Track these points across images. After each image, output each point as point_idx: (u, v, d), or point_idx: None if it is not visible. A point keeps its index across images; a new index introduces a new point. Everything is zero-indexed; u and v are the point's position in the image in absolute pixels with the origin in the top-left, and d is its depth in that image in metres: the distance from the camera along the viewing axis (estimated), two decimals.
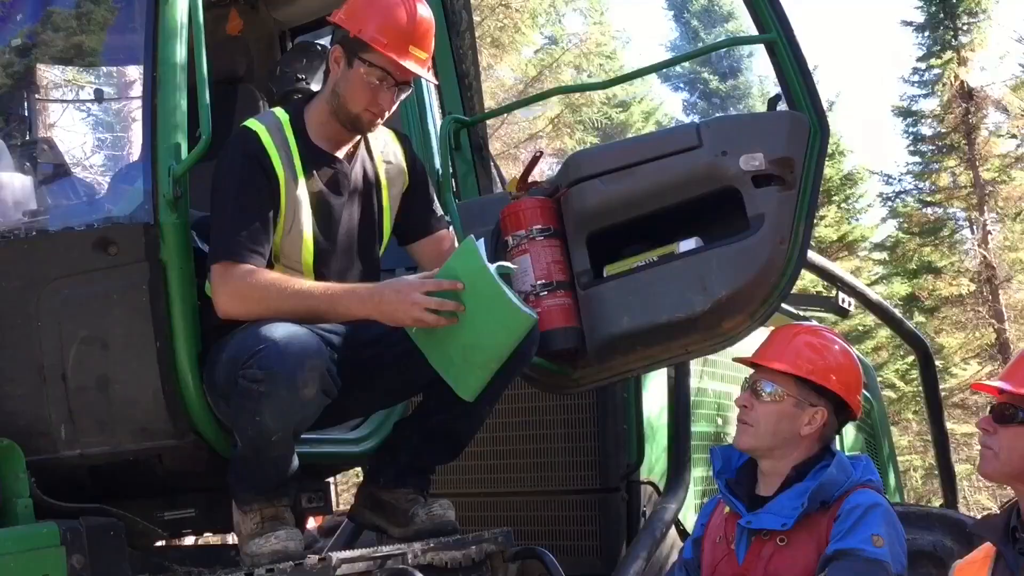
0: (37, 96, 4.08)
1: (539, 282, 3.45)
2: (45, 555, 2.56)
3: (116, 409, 2.91)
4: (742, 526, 2.94)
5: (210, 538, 6.05)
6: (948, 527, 4.32)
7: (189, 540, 5.24)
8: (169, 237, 2.90)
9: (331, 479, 3.83)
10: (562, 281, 3.48)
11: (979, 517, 3.30)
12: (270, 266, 2.95)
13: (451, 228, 3.37)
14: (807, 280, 12.80)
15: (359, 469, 6.23)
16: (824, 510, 2.86)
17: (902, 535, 2.83)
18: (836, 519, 2.82)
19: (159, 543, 3.29)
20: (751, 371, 3.11)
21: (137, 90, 3.38)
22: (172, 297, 2.89)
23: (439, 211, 3.36)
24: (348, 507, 5.89)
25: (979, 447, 2.57)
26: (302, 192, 2.98)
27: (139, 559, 2.86)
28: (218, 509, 3.20)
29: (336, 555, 2.67)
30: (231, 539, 5.09)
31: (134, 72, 3.70)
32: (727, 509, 3.03)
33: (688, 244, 3.39)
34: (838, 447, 3.46)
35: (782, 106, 3.43)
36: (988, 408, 2.54)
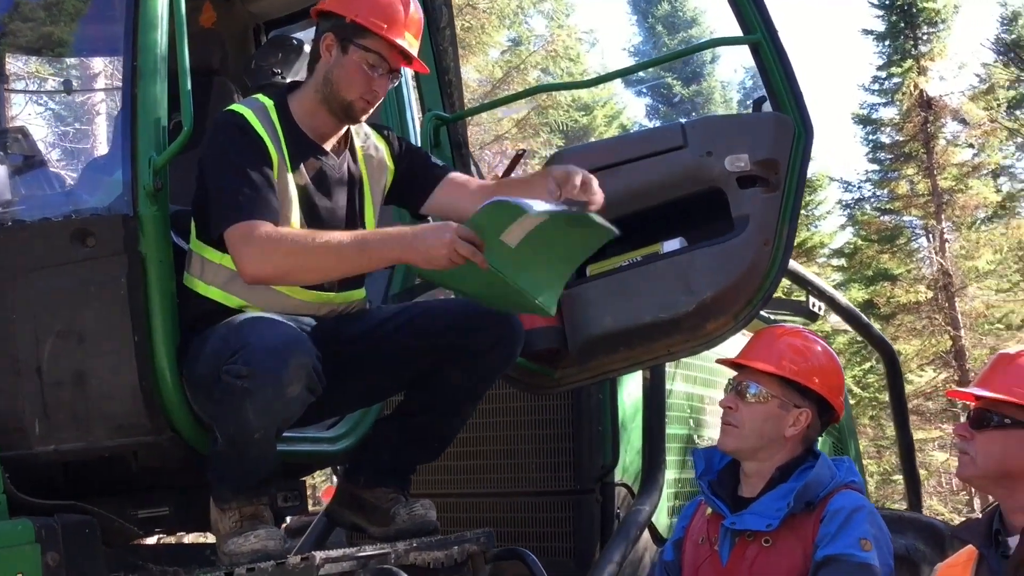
0: (6, 87, 4.00)
1: None
2: (19, 552, 2.49)
3: (92, 404, 2.84)
4: (726, 527, 2.92)
5: (168, 538, 5.98)
6: (920, 531, 4.37)
7: (154, 539, 5.16)
8: (149, 229, 2.83)
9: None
10: None
11: (960, 521, 3.32)
12: None
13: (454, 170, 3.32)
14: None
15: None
16: (808, 511, 2.85)
17: (887, 536, 2.84)
18: (821, 521, 2.81)
19: (135, 541, 3.22)
20: (726, 374, 3.10)
21: (117, 80, 3.32)
22: (151, 290, 2.83)
23: (439, 161, 3.30)
24: (315, 508, 5.83)
25: (957, 452, 2.58)
26: (290, 181, 2.92)
27: (114, 557, 2.80)
28: (192, 508, 3.15)
29: (319, 554, 2.62)
30: (188, 539, 5.02)
31: (114, 62, 3.63)
32: (709, 511, 3.01)
33: (672, 244, 3.39)
34: None
35: (767, 107, 3.43)
36: (966, 414, 2.55)
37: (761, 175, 3.30)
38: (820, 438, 5.27)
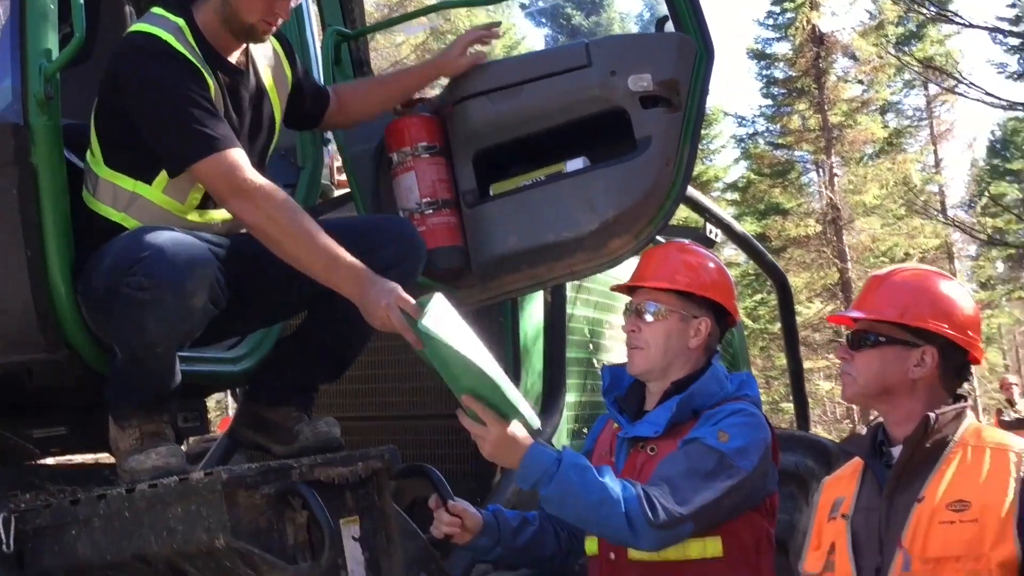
0: None
1: (424, 200, 3.41)
2: None
3: None
4: (621, 438, 3.00)
5: (65, 458, 5.87)
6: (809, 448, 4.50)
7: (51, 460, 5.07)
8: (40, 140, 2.74)
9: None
10: (447, 199, 3.45)
11: (846, 436, 3.45)
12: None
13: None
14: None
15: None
16: (694, 419, 2.93)
17: (761, 440, 2.88)
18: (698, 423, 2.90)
19: (31, 461, 3.16)
20: (625, 298, 3.14)
21: None
22: (43, 203, 2.74)
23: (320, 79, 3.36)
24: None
25: (841, 374, 2.68)
26: (217, 101, 2.85)
27: (10, 477, 2.74)
28: (90, 428, 3.09)
29: (222, 470, 2.60)
30: (85, 459, 4.92)
31: None
32: (616, 425, 3.08)
33: (576, 164, 3.40)
34: None
35: (669, 28, 3.44)
36: (845, 338, 2.64)
37: (663, 95, 3.31)
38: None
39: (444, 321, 2.58)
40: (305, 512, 2.62)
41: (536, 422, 2.66)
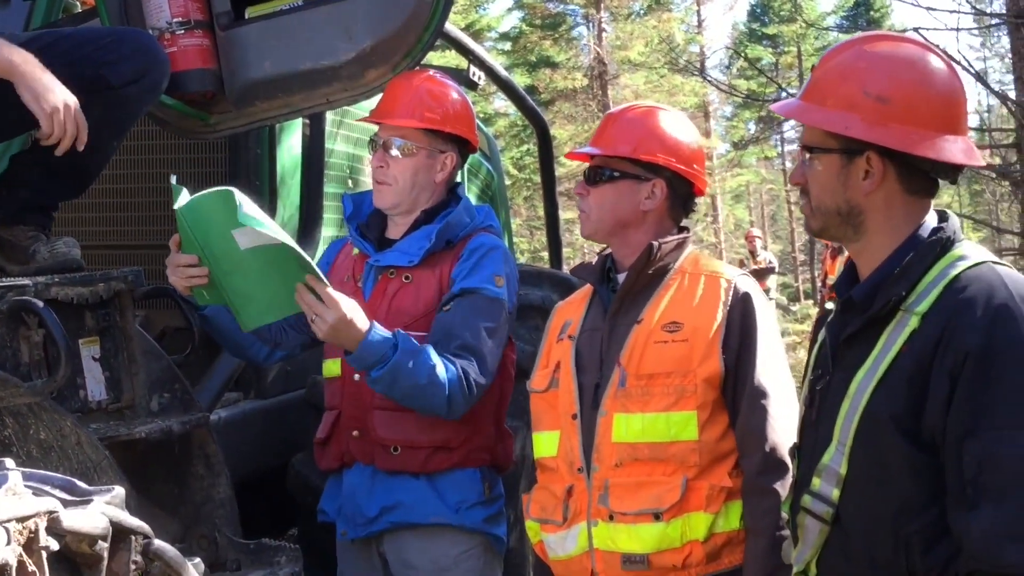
0: None
1: (175, 19, 3.31)
2: None
3: None
4: (370, 264, 3.07)
5: None
6: (556, 284, 4.70)
7: None
8: None
9: None
10: (200, 20, 3.35)
11: (577, 264, 3.63)
12: None
13: None
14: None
15: None
16: (448, 249, 3.04)
17: (515, 273, 3.12)
18: (459, 258, 3.01)
19: None
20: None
21: None
22: None
23: None
24: None
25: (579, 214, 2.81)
26: None
27: None
28: None
29: None
30: None
31: None
32: (356, 251, 3.14)
33: None
34: None
35: None
36: (583, 175, 2.76)
37: None
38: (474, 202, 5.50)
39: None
40: (42, 331, 2.56)
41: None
